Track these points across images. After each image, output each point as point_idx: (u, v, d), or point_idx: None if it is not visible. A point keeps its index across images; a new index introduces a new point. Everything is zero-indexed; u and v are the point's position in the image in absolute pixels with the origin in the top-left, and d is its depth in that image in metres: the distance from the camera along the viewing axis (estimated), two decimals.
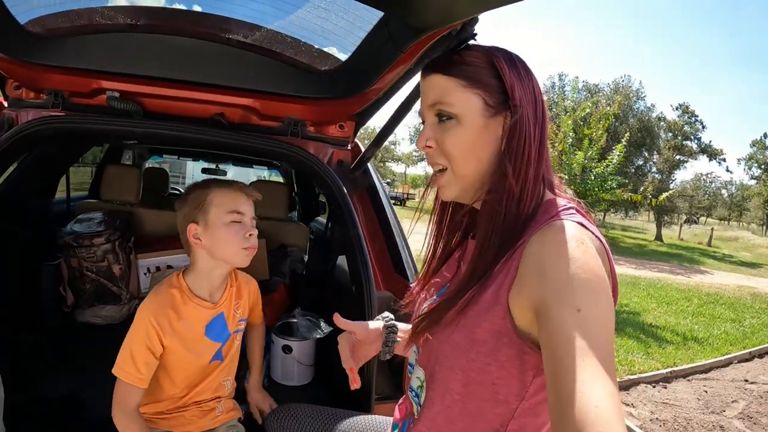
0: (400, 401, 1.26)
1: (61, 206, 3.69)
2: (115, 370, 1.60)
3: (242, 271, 1.91)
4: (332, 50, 1.72)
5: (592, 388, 0.70)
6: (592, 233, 0.90)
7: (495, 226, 0.97)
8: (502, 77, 0.98)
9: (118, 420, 1.58)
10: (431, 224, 1.24)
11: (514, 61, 1.01)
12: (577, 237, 0.86)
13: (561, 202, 0.98)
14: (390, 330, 1.31)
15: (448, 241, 1.22)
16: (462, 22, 1.27)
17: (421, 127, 1.11)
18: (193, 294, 1.70)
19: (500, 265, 0.96)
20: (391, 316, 1.36)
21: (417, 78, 1.59)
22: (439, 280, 1.18)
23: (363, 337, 1.31)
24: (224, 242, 1.64)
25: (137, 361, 1.59)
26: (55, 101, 2.02)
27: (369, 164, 2.21)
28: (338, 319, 1.28)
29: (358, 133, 2.33)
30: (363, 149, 2.21)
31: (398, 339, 1.31)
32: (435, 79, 1.03)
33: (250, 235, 1.67)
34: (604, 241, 0.91)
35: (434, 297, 1.14)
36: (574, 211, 0.94)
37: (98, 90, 1.99)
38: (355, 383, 1.27)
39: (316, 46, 1.74)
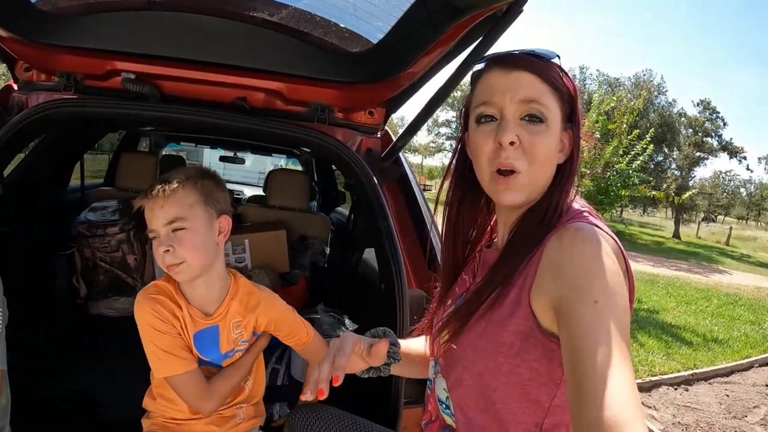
0: (425, 420, 1.24)
1: (76, 194, 3.63)
2: (160, 374, 1.51)
3: (261, 286, 1.73)
4: (364, 31, 1.62)
5: (611, 377, 0.72)
6: (607, 234, 0.94)
7: (534, 234, 1.00)
8: (573, 98, 1.03)
9: (210, 406, 1.54)
10: (444, 233, 1.23)
11: (576, 86, 1.06)
12: (592, 236, 0.90)
13: (575, 206, 1.03)
14: (392, 359, 1.31)
15: (462, 251, 1.23)
16: (508, 1, 1.17)
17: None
18: (184, 298, 1.56)
19: (519, 269, 0.99)
20: (398, 343, 1.34)
21: (455, 64, 1.49)
22: (454, 293, 1.20)
23: (375, 356, 1.28)
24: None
25: (170, 350, 1.49)
26: (67, 84, 1.95)
27: (400, 154, 2.10)
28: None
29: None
30: (394, 138, 2.10)
31: (390, 372, 1.32)
32: (527, 77, 1.00)
33: (165, 251, 1.42)
34: (618, 242, 0.94)
35: (453, 308, 1.14)
36: (587, 214, 0.99)
37: (113, 72, 1.90)
38: (320, 395, 1.18)
39: (347, 27, 1.65)
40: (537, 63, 1.01)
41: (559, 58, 1.05)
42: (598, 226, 0.94)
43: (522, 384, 0.96)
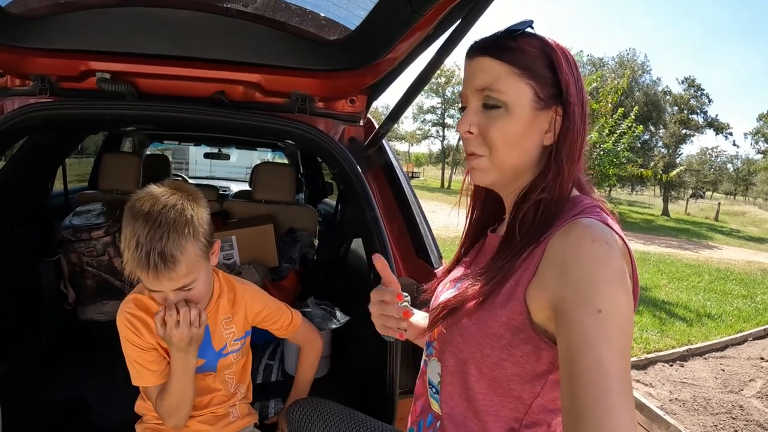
0: (414, 401, 1.22)
1: (60, 199, 3.59)
2: (135, 383, 1.53)
3: (241, 279, 1.74)
4: (342, 17, 1.59)
5: (608, 394, 0.71)
6: (616, 233, 0.87)
7: (535, 222, 0.95)
8: (557, 70, 0.95)
9: (169, 422, 1.54)
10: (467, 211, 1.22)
11: (567, 55, 0.97)
12: (602, 236, 0.84)
13: (586, 200, 0.96)
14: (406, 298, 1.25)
15: (473, 232, 1.21)
16: None
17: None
18: None
19: (520, 260, 0.94)
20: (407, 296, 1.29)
21: (435, 47, 1.47)
22: (456, 274, 1.17)
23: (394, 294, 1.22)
24: None
25: (145, 364, 1.51)
26: (42, 87, 1.91)
27: (384, 141, 2.07)
28: (379, 259, 1.19)
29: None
30: (377, 125, 2.07)
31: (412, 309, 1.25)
32: (485, 63, 0.97)
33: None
34: (627, 242, 0.89)
35: (451, 290, 1.11)
36: (599, 210, 0.93)
37: (88, 72, 1.87)
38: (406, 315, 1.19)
39: (324, 14, 1.61)
40: (498, 44, 0.96)
41: (532, 27, 0.98)
42: (607, 224, 0.88)
43: (506, 379, 0.94)
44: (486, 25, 1.09)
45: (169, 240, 1.29)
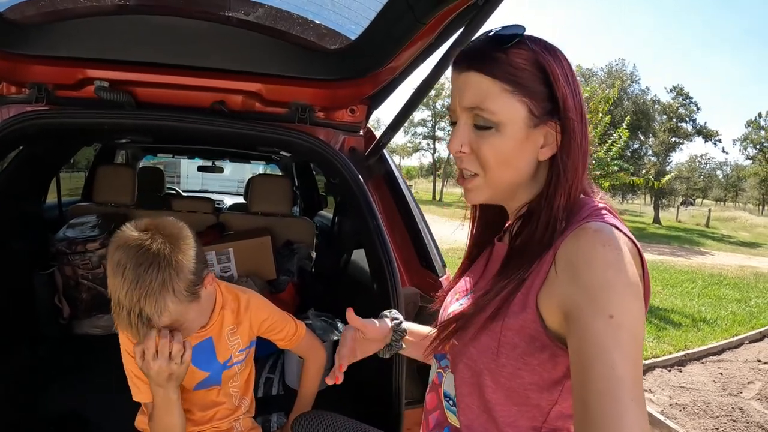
0: (426, 415, 1.19)
1: (53, 212, 3.55)
2: (135, 398, 1.52)
3: (244, 288, 1.71)
4: (343, 26, 1.59)
5: (621, 401, 0.70)
6: (626, 235, 0.85)
7: (538, 235, 0.92)
8: (552, 84, 0.89)
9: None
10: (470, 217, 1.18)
11: (563, 63, 0.91)
12: (612, 240, 0.82)
13: (593, 203, 0.93)
14: (399, 335, 1.28)
15: (477, 241, 1.18)
16: None
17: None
18: None
19: (531, 268, 0.92)
20: (400, 317, 1.31)
21: (437, 55, 1.47)
22: (464, 284, 1.14)
23: (372, 337, 1.25)
24: None
25: (143, 378, 1.46)
26: (39, 95, 1.88)
27: (384, 151, 2.06)
28: (352, 317, 1.21)
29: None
30: (377, 135, 2.07)
31: (403, 345, 1.29)
32: (474, 78, 0.91)
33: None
34: (637, 243, 0.87)
35: (460, 302, 1.09)
36: (606, 212, 0.90)
37: (85, 80, 1.85)
38: (336, 380, 1.22)
39: (325, 24, 1.60)
40: (487, 55, 0.90)
41: (521, 35, 0.91)
42: (616, 227, 0.85)
43: (523, 387, 0.92)
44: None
45: (147, 302, 1.24)
